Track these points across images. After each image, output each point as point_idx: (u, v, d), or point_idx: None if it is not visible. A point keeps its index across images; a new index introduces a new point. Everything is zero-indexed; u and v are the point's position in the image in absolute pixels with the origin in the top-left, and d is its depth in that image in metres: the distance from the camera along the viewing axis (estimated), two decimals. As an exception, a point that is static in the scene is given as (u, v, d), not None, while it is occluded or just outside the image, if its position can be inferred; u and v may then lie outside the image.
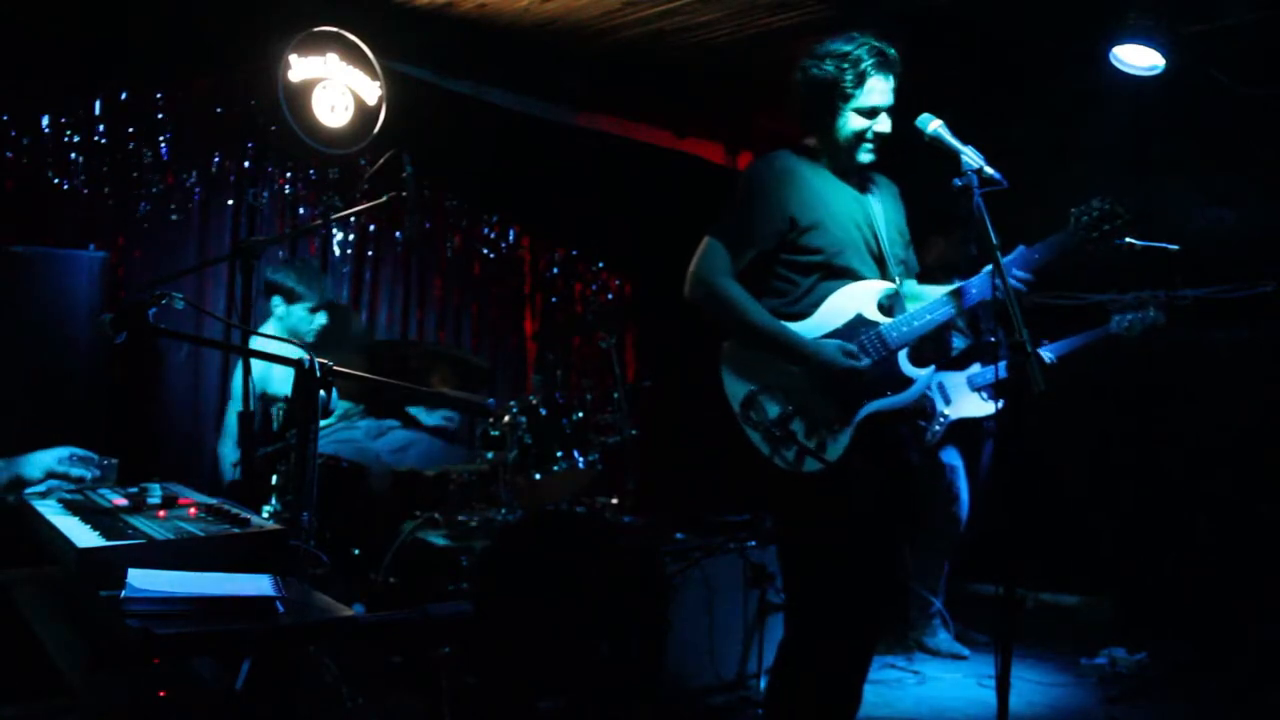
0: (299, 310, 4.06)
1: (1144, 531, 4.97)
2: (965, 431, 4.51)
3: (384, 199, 3.31)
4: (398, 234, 4.98)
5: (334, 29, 4.29)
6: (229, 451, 3.92)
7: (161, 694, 1.56)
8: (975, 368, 4.45)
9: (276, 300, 4.06)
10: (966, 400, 4.45)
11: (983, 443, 4.60)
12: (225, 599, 1.51)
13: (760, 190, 2.78)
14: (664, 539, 3.91)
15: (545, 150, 5.45)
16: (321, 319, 4.13)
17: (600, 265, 6.00)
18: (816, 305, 2.75)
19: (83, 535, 1.70)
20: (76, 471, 2.18)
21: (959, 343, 4.60)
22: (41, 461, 2.15)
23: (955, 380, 4.47)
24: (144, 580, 1.52)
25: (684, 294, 2.77)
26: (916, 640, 4.59)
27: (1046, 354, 4.18)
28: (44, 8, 3.75)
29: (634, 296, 6.13)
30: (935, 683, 4.14)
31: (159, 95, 4.16)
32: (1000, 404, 4.22)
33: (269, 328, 4.11)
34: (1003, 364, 2.54)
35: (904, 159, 2.82)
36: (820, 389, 2.68)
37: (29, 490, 2.11)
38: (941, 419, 4.43)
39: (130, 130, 4.09)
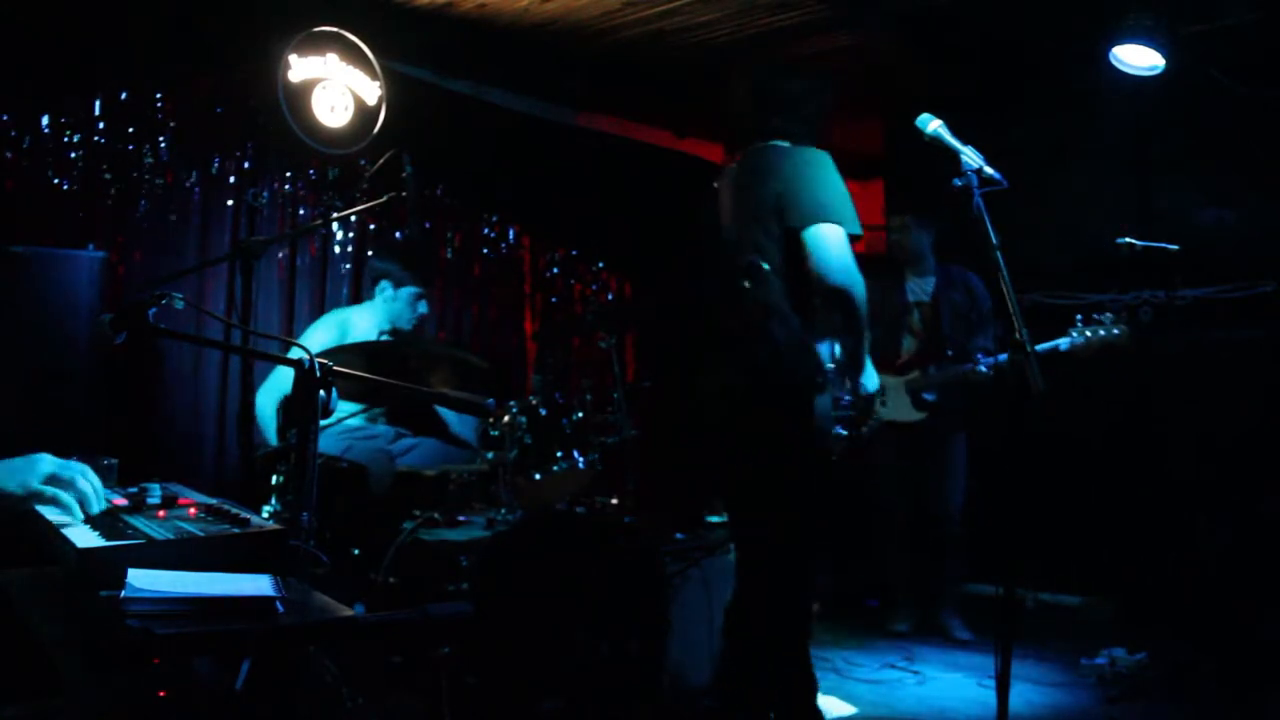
0: (405, 296, 4.18)
1: (1144, 531, 4.97)
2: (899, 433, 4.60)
3: (384, 199, 3.31)
4: (398, 234, 4.98)
5: (334, 29, 4.29)
6: (267, 407, 3.94)
7: (161, 694, 1.56)
8: (914, 374, 4.50)
9: (384, 285, 4.17)
10: (901, 404, 4.49)
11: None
12: (225, 599, 1.51)
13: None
14: (664, 539, 3.91)
15: (545, 150, 5.45)
16: (423, 308, 4.25)
17: (600, 265, 6.00)
18: None
19: (83, 535, 1.70)
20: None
21: (907, 344, 4.62)
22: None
23: (893, 383, 4.48)
24: (144, 580, 1.52)
25: (830, 284, 2.85)
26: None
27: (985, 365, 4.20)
28: (44, 8, 3.75)
29: (634, 296, 6.13)
30: (935, 683, 4.14)
31: (159, 95, 4.16)
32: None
33: (369, 313, 4.20)
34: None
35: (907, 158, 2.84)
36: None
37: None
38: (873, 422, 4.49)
39: (130, 130, 4.09)
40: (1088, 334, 3.70)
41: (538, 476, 3.62)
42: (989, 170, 2.52)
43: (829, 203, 2.86)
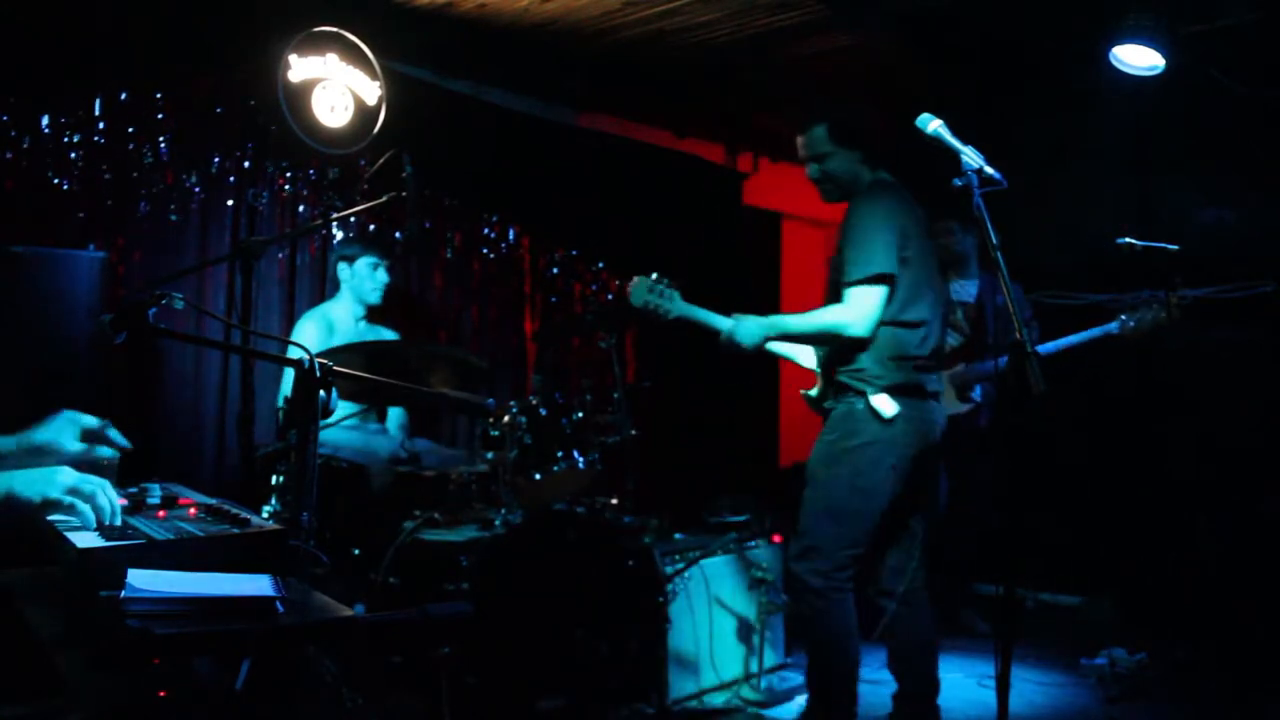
0: (362, 268, 4.25)
1: (1144, 531, 4.97)
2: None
3: (384, 199, 3.31)
4: (398, 234, 4.98)
5: (334, 29, 4.29)
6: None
7: (161, 694, 1.56)
8: (959, 368, 4.56)
9: (341, 265, 4.29)
10: (946, 397, 4.60)
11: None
12: (225, 599, 1.51)
13: None
14: (664, 539, 3.92)
15: (545, 150, 5.45)
16: (384, 276, 4.30)
17: (600, 265, 6.00)
18: None
19: (83, 535, 1.70)
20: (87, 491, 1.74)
21: (951, 339, 4.66)
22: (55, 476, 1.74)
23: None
24: (144, 580, 1.52)
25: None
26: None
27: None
28: (44, 8, 3.75)
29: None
30: (935, 683, 4.13)
31: (159, 95, 4.16)
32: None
33: (341, 302, 4.31)
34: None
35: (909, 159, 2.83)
36: None
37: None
38: None
39: (130, 130, 4.09)
40: (1137, 318, 4.12)
41: (538, 476, 3.62)
42: (989, 170, 2.51)
43: None
